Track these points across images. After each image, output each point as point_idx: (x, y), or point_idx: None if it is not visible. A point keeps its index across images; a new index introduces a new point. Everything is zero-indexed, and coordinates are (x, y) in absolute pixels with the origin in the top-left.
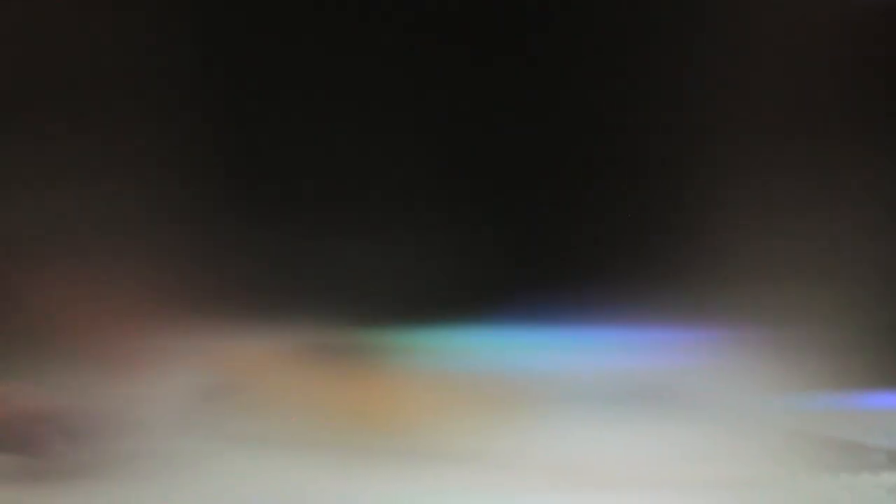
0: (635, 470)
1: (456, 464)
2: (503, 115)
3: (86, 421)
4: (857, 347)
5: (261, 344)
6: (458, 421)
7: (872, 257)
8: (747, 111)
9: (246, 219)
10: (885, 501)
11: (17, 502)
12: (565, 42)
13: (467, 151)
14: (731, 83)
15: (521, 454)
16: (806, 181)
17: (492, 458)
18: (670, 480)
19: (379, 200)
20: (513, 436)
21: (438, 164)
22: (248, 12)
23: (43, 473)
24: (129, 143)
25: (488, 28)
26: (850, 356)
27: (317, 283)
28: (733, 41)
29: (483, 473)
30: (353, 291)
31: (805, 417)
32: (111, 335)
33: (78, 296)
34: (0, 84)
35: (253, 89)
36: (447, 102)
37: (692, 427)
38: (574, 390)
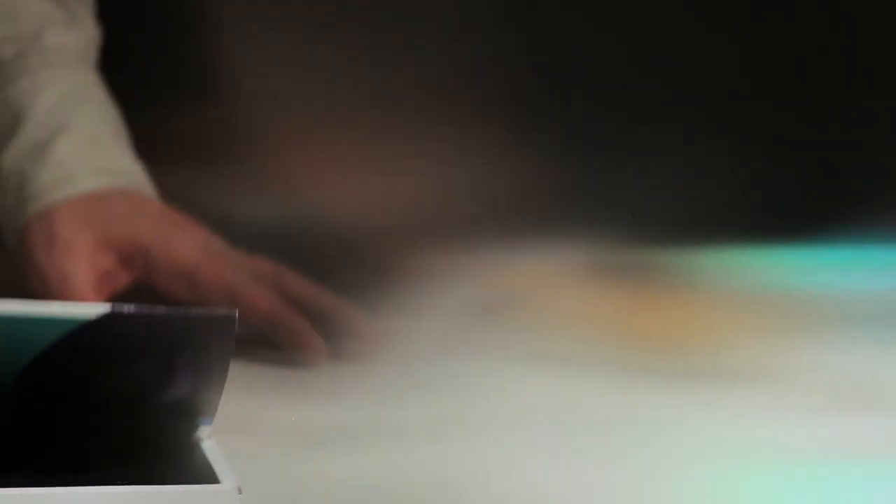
0: None
1: (734, 384)
2: (799, 31)
3: (361, 330)
4: None
5: (542, 261)
6: (737, 341)
7: None
8: None
9: (530, 135)
10: None
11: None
12: None
13: (763, 65)
14: None
15: (800, 375)
16: None
17: (769, 379)
18: None
19: (672, 116)
20: (792, 356)
21: (733, 79)
22: None
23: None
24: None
25: None
26: None
27: (602, 200)
28: None
29: (759, 394)
30: (638, 209)
31: None
32: (393, 248)
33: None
34: None
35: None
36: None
37: None
38: (852, 310)
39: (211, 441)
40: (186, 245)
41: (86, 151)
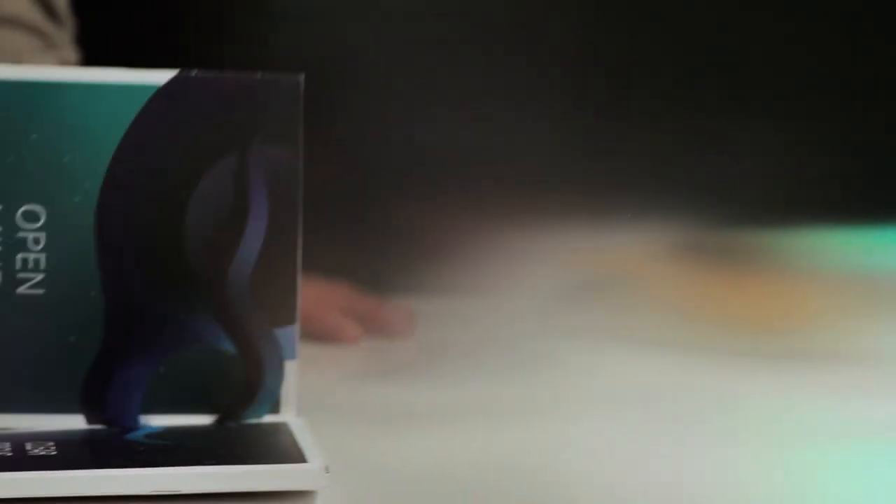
0: None
1: (824, 365)
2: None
3: (448, 315)
4: None
5: (634, 241)
6: (829, 322)
7: None
8: None
9: (621, 115)
10: None
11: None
12: None
13: (855, 52)
14: None
15: (891, 355)
16: None
17: (860, 359)
18: None
19: (762, 99)
20: (883, 337)
21: (824, 63)
22: None
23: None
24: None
25: None
26: None
27: (693, 182)
28: None
29: (850, 374)
30: (731, 190)
31: None
32: (479, 232)
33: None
34: None
35: None
36: None
37: None
38: None
39: (299, 420)
40: None
41: None
